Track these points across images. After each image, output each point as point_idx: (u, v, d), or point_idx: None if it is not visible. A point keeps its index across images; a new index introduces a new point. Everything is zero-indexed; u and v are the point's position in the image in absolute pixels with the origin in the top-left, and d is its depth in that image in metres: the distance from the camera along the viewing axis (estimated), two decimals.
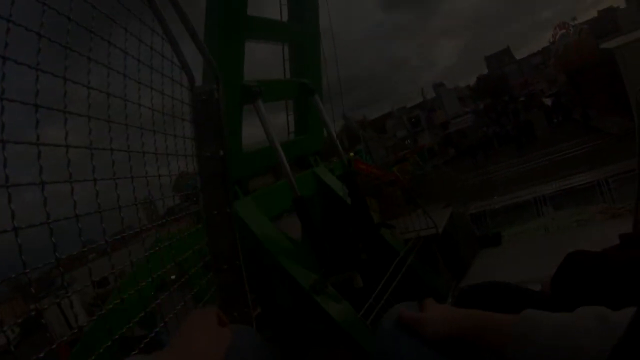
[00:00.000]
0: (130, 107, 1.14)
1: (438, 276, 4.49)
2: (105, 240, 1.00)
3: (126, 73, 1.13)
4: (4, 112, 0.78)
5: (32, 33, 0.86)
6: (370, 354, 0.89)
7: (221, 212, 1.43)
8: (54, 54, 0.94)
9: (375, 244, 4.12)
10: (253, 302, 1.51)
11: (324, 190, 4.27)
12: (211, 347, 0.73)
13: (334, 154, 4.65)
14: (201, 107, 1.45)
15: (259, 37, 3.74)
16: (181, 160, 1.36)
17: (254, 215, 3.21)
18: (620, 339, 0.53)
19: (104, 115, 1.02)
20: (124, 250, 1.11)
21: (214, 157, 1.44)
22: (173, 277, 1.45)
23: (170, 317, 1.24)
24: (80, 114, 0.92)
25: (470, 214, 7.50)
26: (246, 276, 1.48)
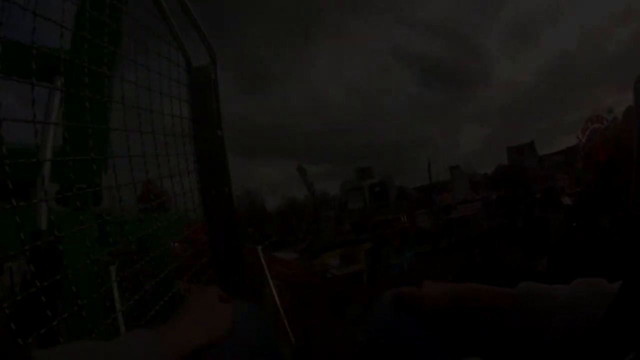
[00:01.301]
0: (127, 88, 1.13)
1: None
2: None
3: (122, 53, 1.13)
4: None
5: (27, 12, 0.85)
6: (368, 332, 0.90)
7: (219, 192, 1.44)
8: (49, 32, 0.93)
9: None
10: None
11: None
12: (213, 322, 0.73)
13: None
14: (198, 87, 1.45)
15: None
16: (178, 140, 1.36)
17: None
18: (613, 300, 0.55)
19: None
20: None
21: (211, 137, 1.44)
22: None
23: (170, 295, 1.25)
24: (77, 93, 0.91)
25: None
26: None
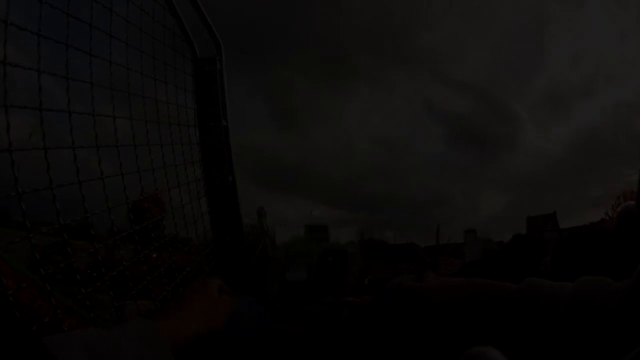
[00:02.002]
0: (132, 76, 1.13)
1: None
2: (107, 208, 1.01)
3: (128, 42, 1.12)
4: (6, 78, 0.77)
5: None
6: (370, 324, 0.90)
7: (224, 182, 1.45)
8: (54, 20, 0.93)
9: None
10: None
11: None
12: (213, 312, 0.74)
13: None
14: (203, 77, 1.45)
15: None
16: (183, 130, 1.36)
17: None
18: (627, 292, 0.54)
19: (106, 83, 1.01)
20: None
21: (216, 127, 1.45)
22: None
23: (172, 286, 1.26)
24: (83, 81, 0.91)
25: None
26: None
